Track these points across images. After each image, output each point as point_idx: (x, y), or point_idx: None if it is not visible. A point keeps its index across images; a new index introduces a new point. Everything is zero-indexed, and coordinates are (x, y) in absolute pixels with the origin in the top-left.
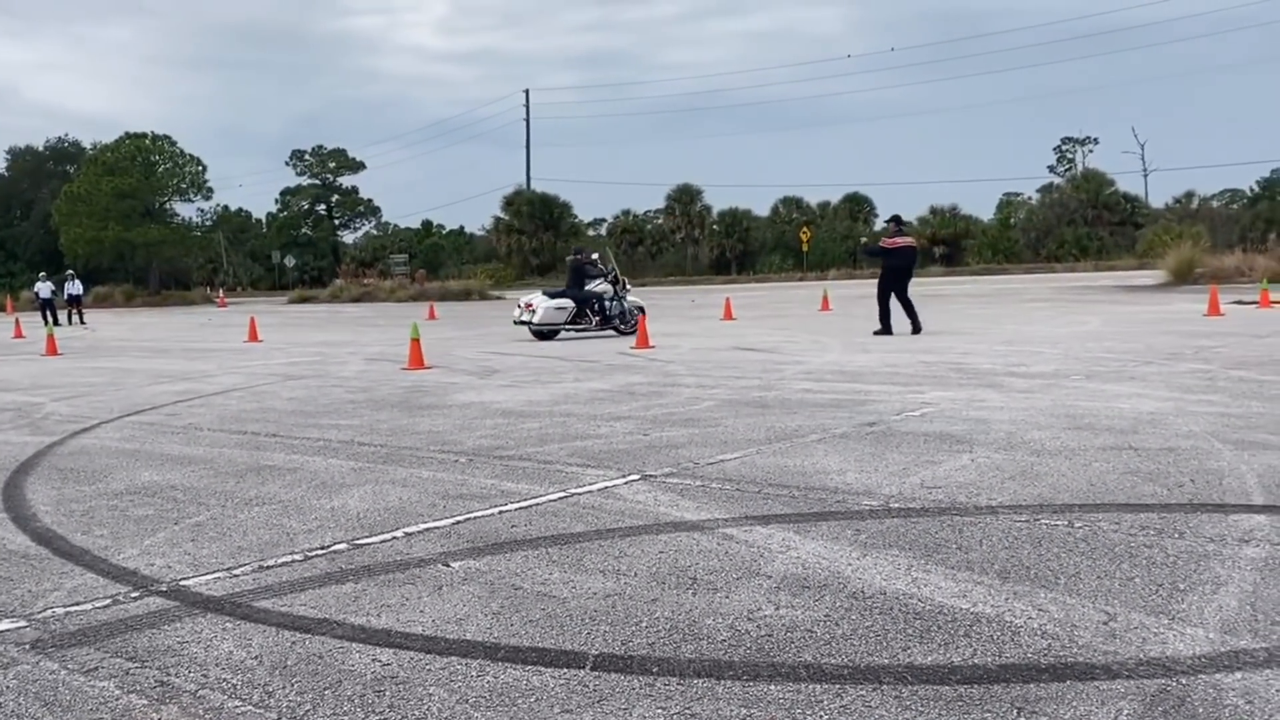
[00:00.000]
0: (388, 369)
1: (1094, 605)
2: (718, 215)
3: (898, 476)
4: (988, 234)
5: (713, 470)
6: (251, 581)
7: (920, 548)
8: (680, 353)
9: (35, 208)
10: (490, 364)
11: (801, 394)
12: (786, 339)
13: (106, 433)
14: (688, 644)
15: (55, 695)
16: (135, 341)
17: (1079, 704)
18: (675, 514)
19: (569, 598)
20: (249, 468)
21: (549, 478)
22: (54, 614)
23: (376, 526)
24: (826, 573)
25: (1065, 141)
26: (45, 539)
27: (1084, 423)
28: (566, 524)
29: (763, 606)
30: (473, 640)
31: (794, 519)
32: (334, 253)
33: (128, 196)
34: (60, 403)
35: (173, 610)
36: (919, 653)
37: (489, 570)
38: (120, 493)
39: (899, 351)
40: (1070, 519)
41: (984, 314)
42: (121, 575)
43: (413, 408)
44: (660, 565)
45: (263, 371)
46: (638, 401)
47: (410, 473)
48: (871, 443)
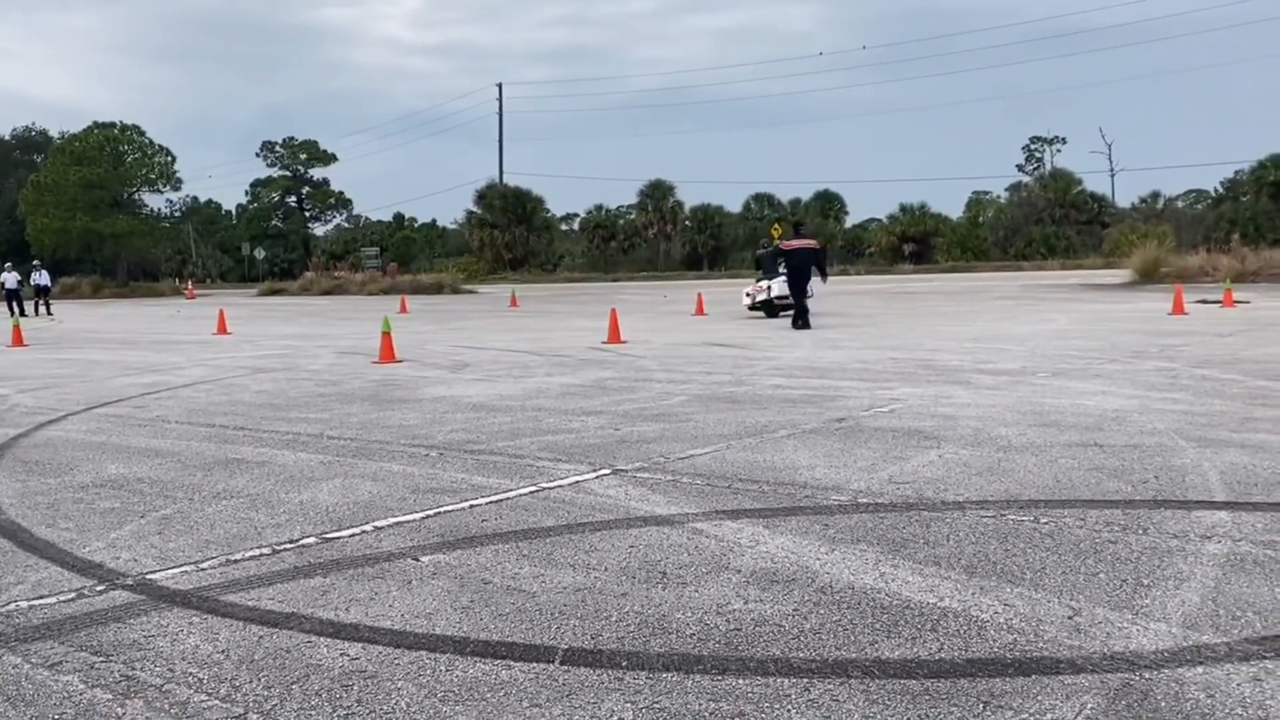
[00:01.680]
0: (359, 363)
1: (1059, 600)
2: (690, 211)
3: (866, 472)
4: (956, 232)
5: (683, 465)
6: (219, 575)
7: (888, 543)
8: (652, 348)
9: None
10: (462, 358)
11: (772, 390)
12: (757, 335)
13: (73, 425)
14: (657, 638)
15: (18, 689)
16: (103, 333)
17: (1044, 698)
18: (645, 508)
19: (539, 592)
20: (217, 461)
21: (520, 472)
22: (17, 607)
23: (346, 520)
24: (795, 567)
25: (1034, 141)
26: (9, 532)
27: (1050, 419)
28: (537, 518)
29: (731, 601)
30: (442, 634)
31: (763, 514)
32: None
33: (96, 187)
34: (26, 394)
35: (139, 604)
36: (886, 647)
37: (459, 564)
38: (86, 485)
39: (869, 348)
40: (1036, 515)
41: (952, 311)
42: (87, 568)
43: (383, 401)
44: (630, 560)
45: (231, 364)
46: (609, 396)
47: (380, 466)
48: (841, 438)
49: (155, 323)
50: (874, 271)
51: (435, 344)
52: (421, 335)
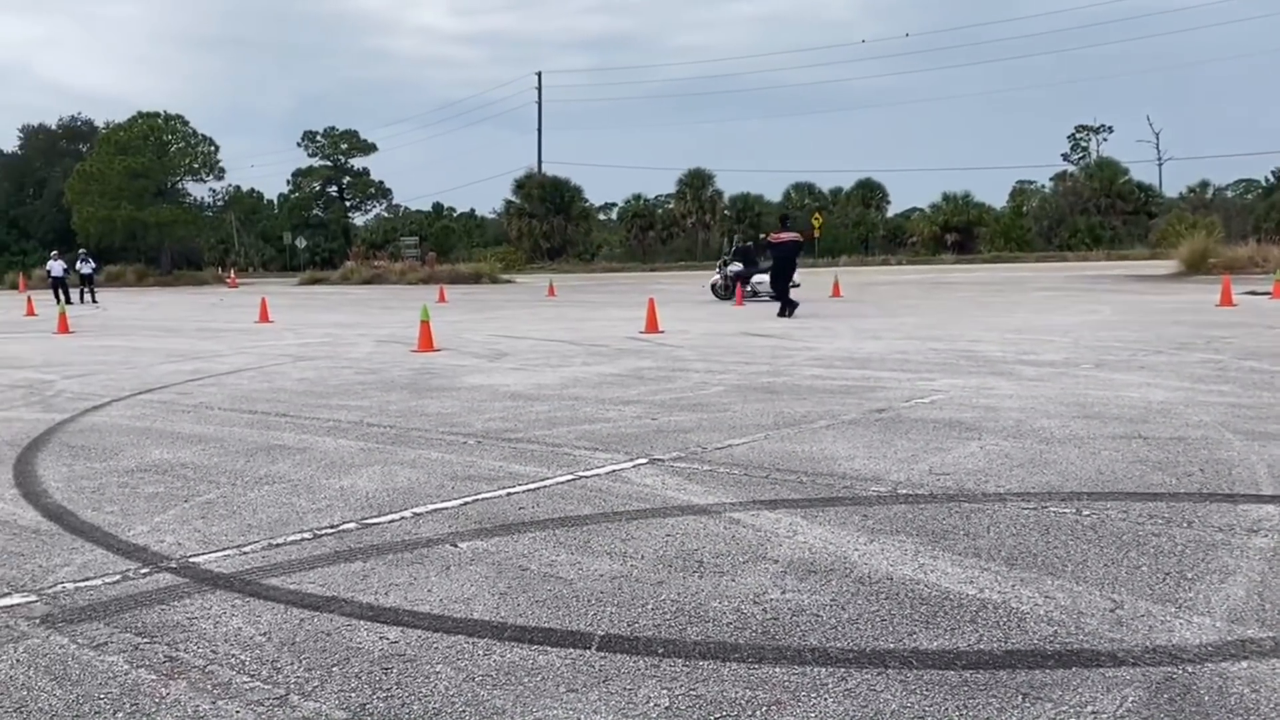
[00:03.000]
0: (398, 351)
1: (1101, 593)
2: (729, 200)
3: (906, 463)
4: (1000, 222)
5: (720, 455)
6: (261, 559)
7: (927, 534)
8: (689, 338)
9: (48, 186)
10: (500, 347)
11: (811, 380)
12: (796, 325)
13: (117, 411)
14: (693, 626)
15: (65, 669)
16: (147, 320)
17: (1084, 690)
18: (682, 498)
19: (575, 579)
20: (259, 447)
21: (557, 460)
22: (64, 589)
23: (385, 506)
24: (833, 557)
25: (1079, 129)
26: (56, 515)
27: (1094, 411)
28: (574, 506)
29: (769, 590)
30: (479, 619)
31: (801, 504)
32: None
33: (140, 176)
34: (72, 380)
35: (182, 587)
36: (925, 638)
37: (496, 551)
38: (131, 470)
39: (909, 339)
40: (1078, 507)
41: (995, 302)
42: (131, 552)
43: (422, 390)
44: (667, 548)
45: (273, 352)
46: (646, 386)
47: (419, 454)
48: (880, 429)
49: (198, 311)
50: (915, 261)
51: (473, 333)
52: (460, 324)
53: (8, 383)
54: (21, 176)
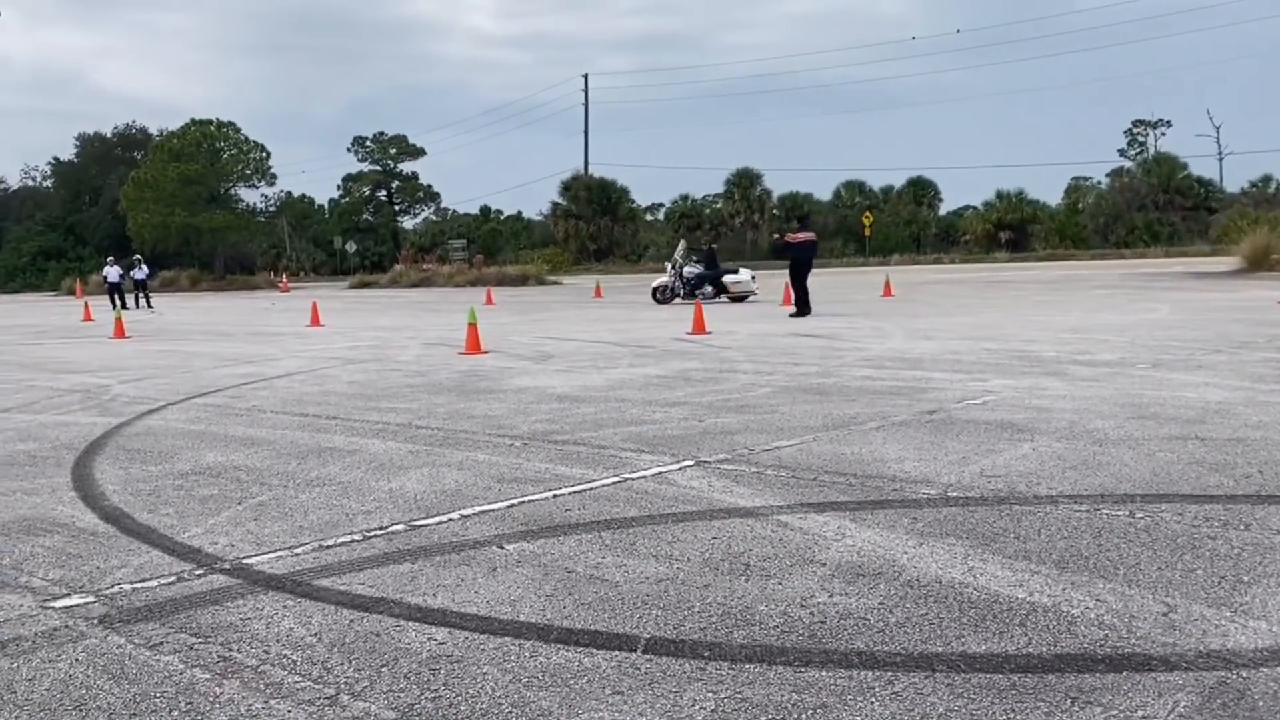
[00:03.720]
0: (445, 354)
1: (1154, 596)
2: (778, 199)
3: (957, 465)
4: (1055, 219)
5: (768, 457)
6: (312, 560)
7: (978, 536)
8: (737, 338)
9: (104, 193)
10: (547, 349)
11: (861, 381)
12: (846, 325)
13: (172, 414)
14: (740, 629)
15: (122, 669)
16: (201, 325)
17: (1136, 695)
18: (729, 500)
19: (621, 581)
20: (310, 449)
21: (603, 462)
22: (121, 590)
23: (433, 508)
24: (882, 561)
25: (1136, 124)
26: (113, 517)
27: (1149, 412)
28: (620, 509)
29: (816, 594)
30: (526, 621)
31: (850, 506)
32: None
33: (194, 182)
34: (127, 385)
35: (235, 588)
36: (973, 641)
37: (543, 553)
38: (185, 473)
39: (961, 339)
40: (1132, 509)
41: (1050, 301)
42: (186, 553)
43: (469, 392)
44: (713, 551)
45: (324, 355)
46: (693, 387)
47: (466, 456)
48: (931, 431)
49: (251, 315)
50: (968, 260)
51: (520, 335)
52: (506, 326)
53: (65, 387)
54: (78, 184)
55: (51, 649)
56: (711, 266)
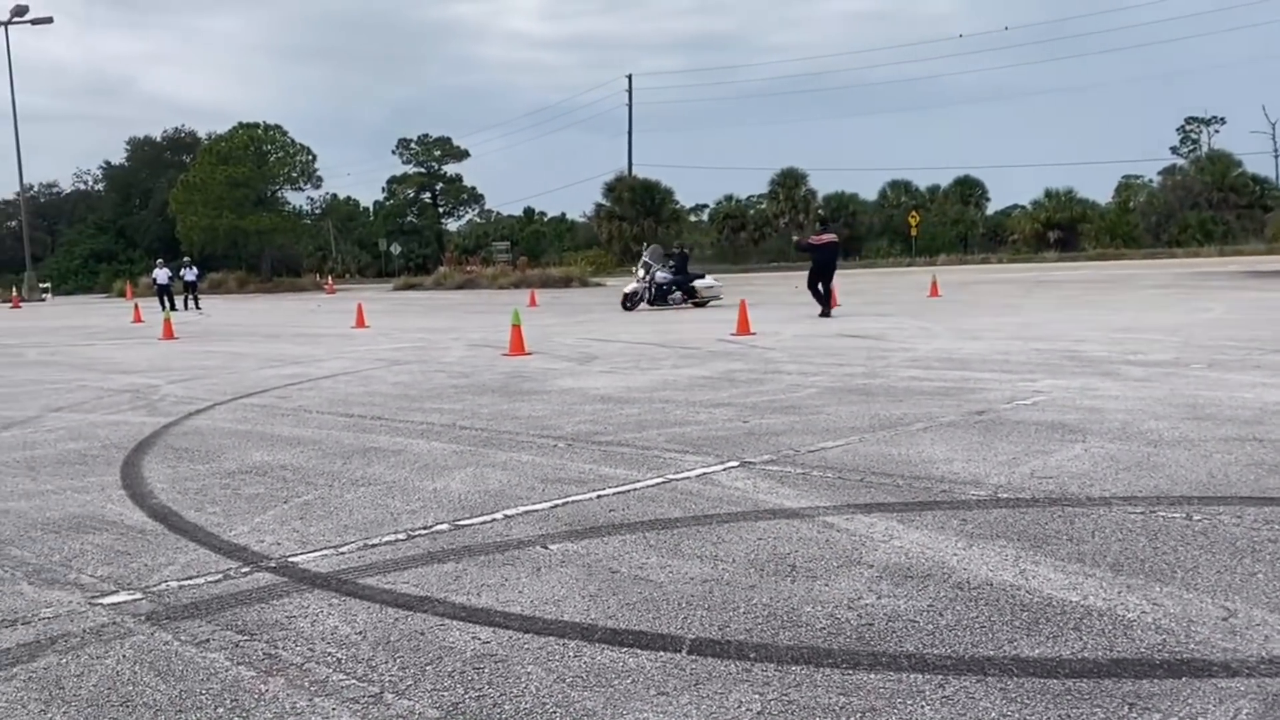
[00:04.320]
0: (489, 355)
1: (1213, 600)
2: (823, 199)
3: (1007, 466)
4: (1105, 218)
5: (814, 458)
6: (357, 559)
7: (1029, 539)
8: (782, 339)
9: (153, 196)
10: (590, 350)
11: (908, 381)
12: (893, 326)
13: (220, 414)
14: (786, 631)
15: (169, 665)
16: (247, 326)
17: (1195, 701)
18: (775, 501)
19: (666, 582)
20: (355, 449)
21: (647, 463)
22: (168, 587)
23: (477, 508)
24: (930, 563)
25: (1189, 121)
26: (161, 515)
27: (1205, 413)
28: (664, 509)
29: (864, 595)
30: (570, 621)
31: (897, 508)
32: (438, 240)
33: (241, 185)
34: (176, 385)
35: (281, 586)
36: (1026, 645)
37: (586, 553)
38: (232, 472)
39: (1010, 339)
40: (1188, 511)
41: (1100, 300)
42: (233, 551)
43: (513, 393)
44: (759, 552)
45: (369, 356)
46: (737, 388)
47: (510, 456)
48: (980, 431)
49: (297, 316)
50: (1016, 260)
51: (564, 336)
52: (550, 328)
53: (115, 387)
54: (128, 187)
55: (99, 645)
56: (682, 272)
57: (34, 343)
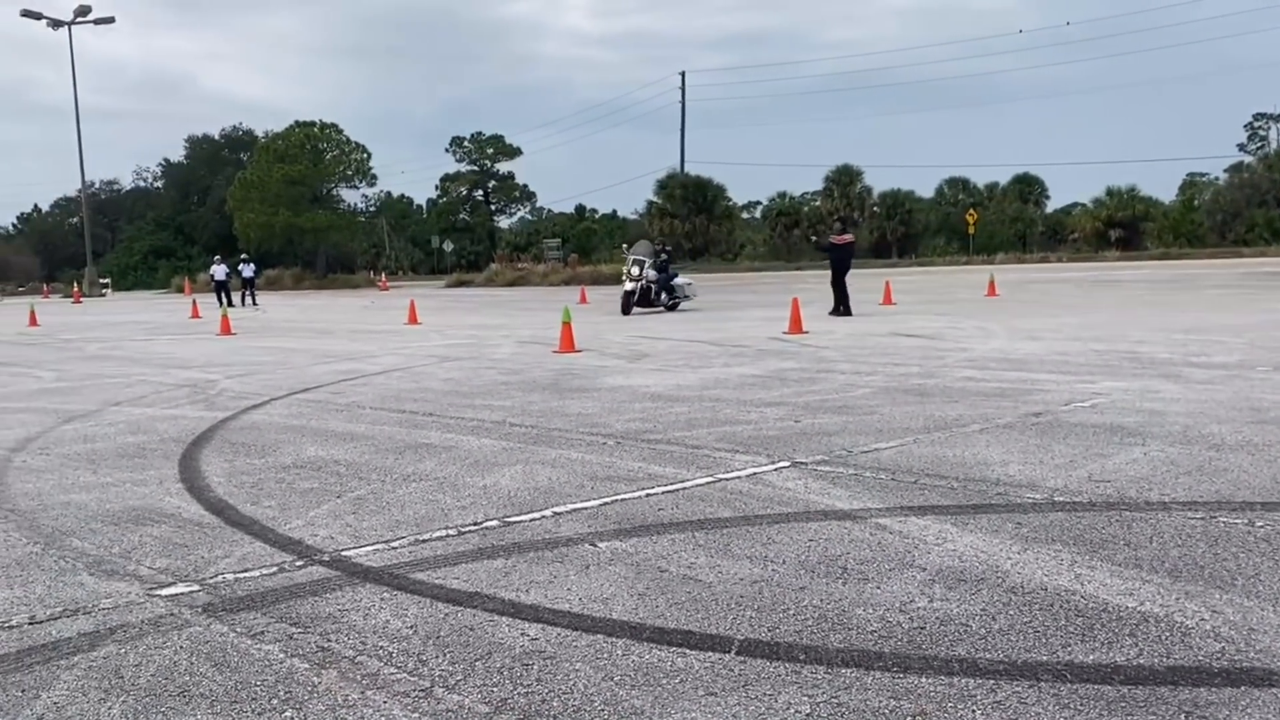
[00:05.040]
0: (539, 352)
1: (1274, 609)
2: (878, 197)
3: (1064, 469)
4: (1169, 217)
5: (866, 459)
6: (408, 554)
7: (1085, 543)
8: (835, 338)
9: (212, 194)
10: (640, 348)
11: (963, 382)
12: (949, 325)
13: (275, 409)
14: (836, 633)
15: (224, 656)
16: (303, 323)
17: (1255, 711)
18: (826, 502)
19: (715, 582)
20: (407, 445)
21: (697, 462)
22: (224, 579)
23: (526, 505)
24: (984, 566)
25: (1258, 118)
26: (217, 508)
27: (1270, 416)
28: (714, 509)
29: (916, 598)
30: (618, 619)
31: (951, 510)
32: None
33: (297, 183)
34: (233, 380)
35: (334, 579)
36: (1080, 651)
37: (635, 552)
38: (287, 466)
39: (1069, 339)
40: (1251, 518)
41: (1163, 301)
42: (287, 544)
43: (563, 390)
44: (809, 553)
45: (421, 353)
46: (789, 388)
47: (560, 454)
48: (1037, 434)
49: (351, 313)
50: (1076, 259)
51: (614, 334)
52: (600, 325)
53: (174, 382)
54: (187, 184)
55: (157, 636)
56: (663, 272)
57: (95, 337)
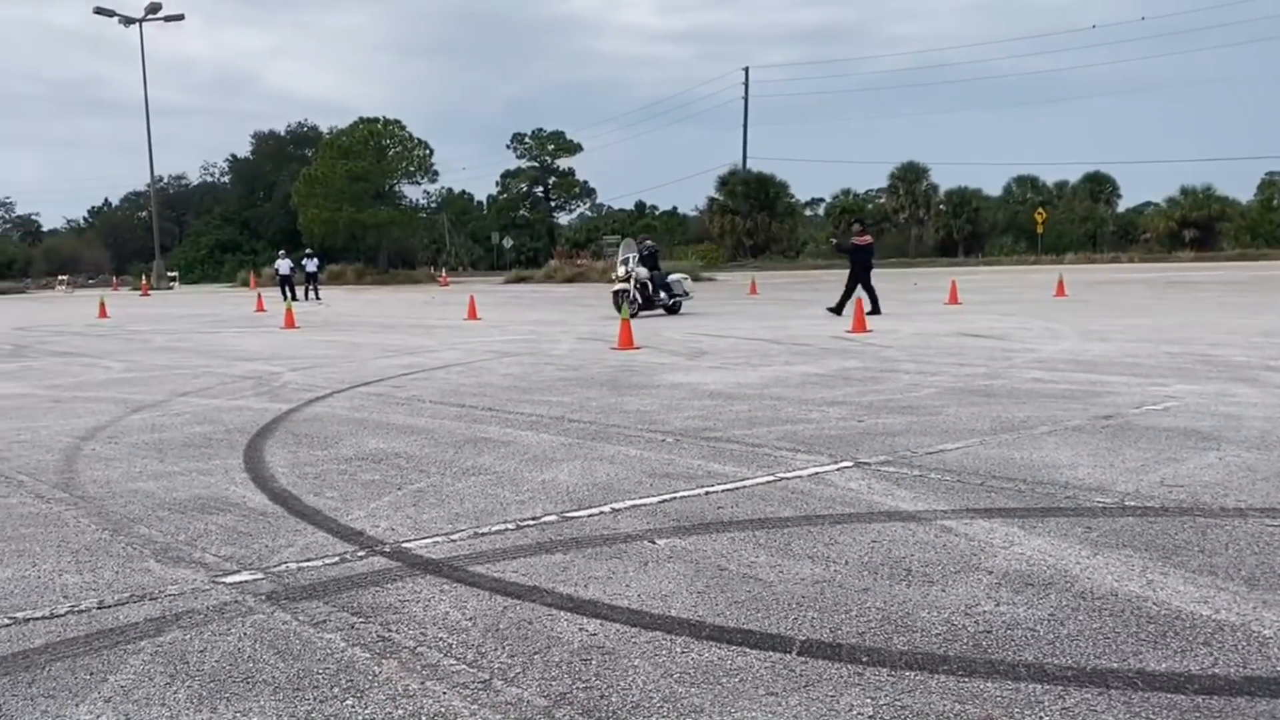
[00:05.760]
0: (598, 348)
1: None
2: (944, 195)
3: (1135, 473)
4: (1246, 217)
5: (931, 460)
6: (467, 547)
7: (1158, 549)
8: (899, 337)
9: (277, 189)
10: (700, 345)
11: (1031, 383)
12: (1017, 325)
13: (337, 402)
14: (899, 635)
15: (287, 644)
16: (365, 317)
17: None
18: (890, 503)
19: (775, 581)
20: (466, 439)
21: (757, 461)
22: (288, 569)
23: (585, 501)
24: (1052, 570)
25: None
26: (281, 499)
27: None
28: (774, 508)
29: (981, 602)
30: (677, 617)
31: (1019, 513)
32: (549, 234)
33: (360, 179)
34: (297, 373)
35: (395, 570)
36: (1152, 658)
37: (694, 549)
38: (349, 458)
39: (1141, 341)
40: None
41: (1239, 303)
42: (349, 535)
43: (622, 387)
44: (873, 555)
45: (480, 348)
46: (852, 387)
47: (618, 450)
48: (1107, 436)
49: (412, 308)
50: (1148, 259)
51: (673, 331)
52: (659, 322)
53: (239, 374)
54: (253, 180)
55: (222, 623)
56: (655, 269)
57: (162, 329)
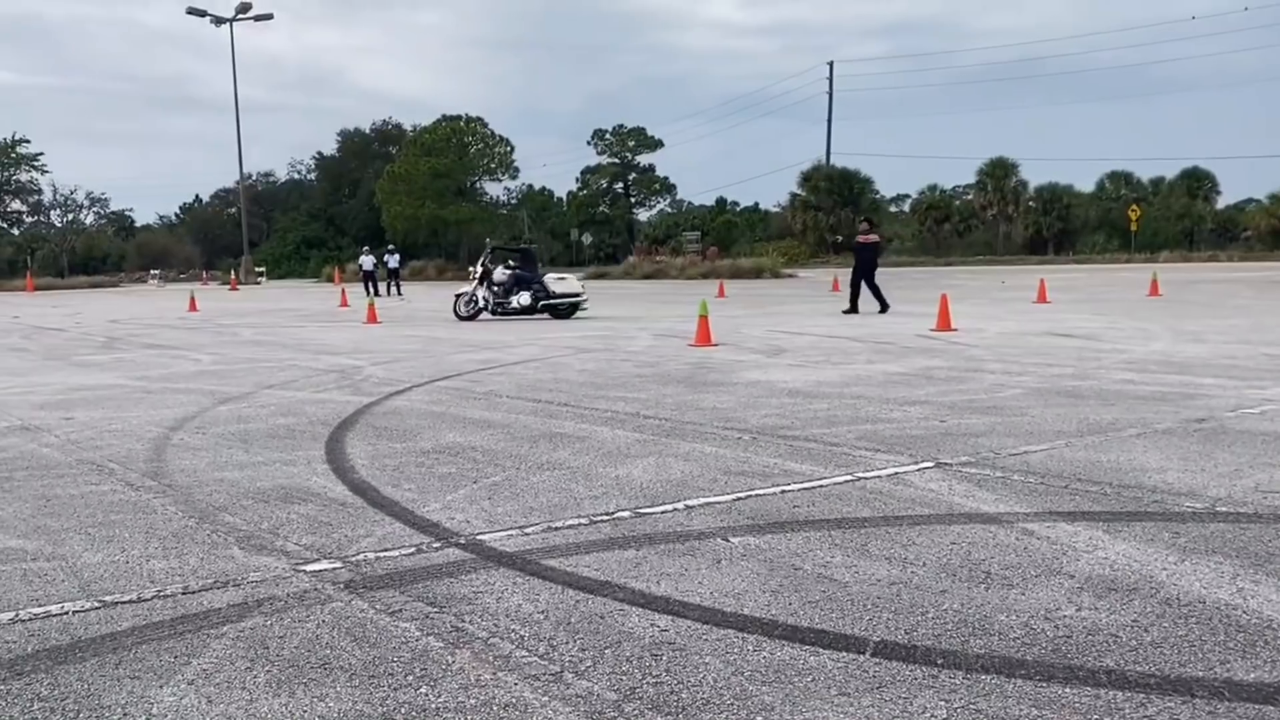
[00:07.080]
0: (675, 345)
1: None
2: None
3: (1228, 478)
4: None
5: (1015, 462)
6: (541, 540)
7: (1250, 556)
8: (985, 337)
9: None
10: (778, 343)
11: (1121, 385)
12: (1107, 325)
13: (416, 396)
14: (977, 639)
15: (363, 632)
16: (445, 313)
17: None
18: (971, 505)
19: (851, 582)
20: (542, 434)
21: (835, 460)
22: (365, 558)
23: (658, 497)
24: (1137, 576)
25: None
26: (360, 489)
27: None
28: (852, 508)
29: (1062, 606)
30: (750, 615)
31: (1103, 517)
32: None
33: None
34: (378, 367)
35: (469, 562)
36: (1240, 668)
37: (769, 548)
38: (427, 451)
39: (1238, 343)
40: None
41: None
42: (425, 526)
43: (698, 384)
44: (951, 557)
45: (557, 344)
46: (935, 386)
47: (693, 447)
48: (1199, 440)
49: None
50: (1249, 258)
51: (751, 328)
52: (738, 319)
53: (323, 368)
54: (338, 177)
55: (301, 610)
56: (530, 269)
57: (249, 324)
